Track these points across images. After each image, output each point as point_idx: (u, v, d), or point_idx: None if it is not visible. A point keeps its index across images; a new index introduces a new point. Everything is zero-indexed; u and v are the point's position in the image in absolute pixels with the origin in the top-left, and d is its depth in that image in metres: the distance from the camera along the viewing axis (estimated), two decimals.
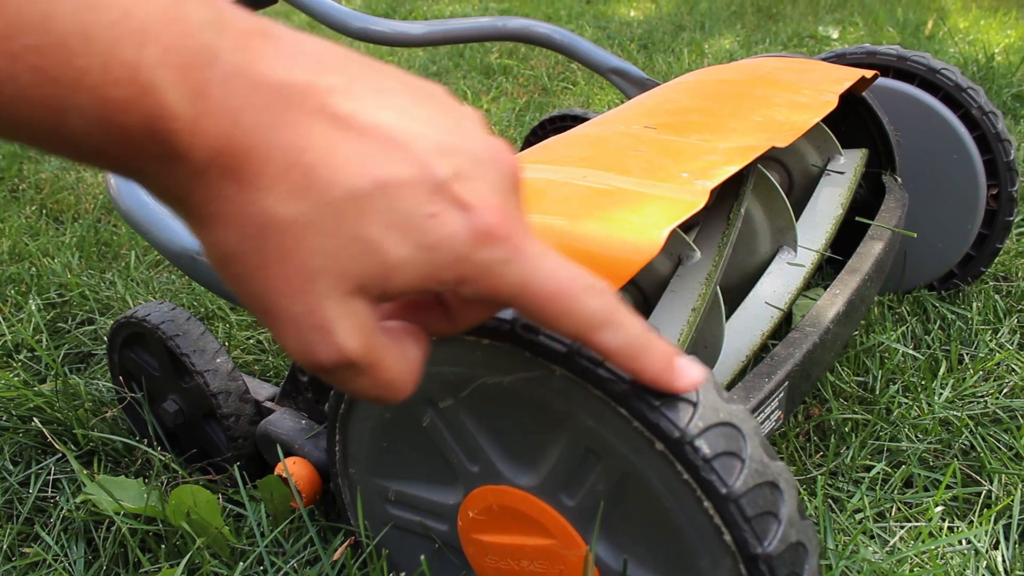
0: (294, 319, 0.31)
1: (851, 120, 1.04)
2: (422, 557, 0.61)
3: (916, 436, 0.88)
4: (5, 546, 0.77)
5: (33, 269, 1.29)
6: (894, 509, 0.79)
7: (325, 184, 0.29)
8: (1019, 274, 1.18)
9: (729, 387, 0.76)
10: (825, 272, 1.15)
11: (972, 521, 0.78)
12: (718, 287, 0.75)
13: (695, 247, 0.76)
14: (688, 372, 0.42)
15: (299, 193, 0.29)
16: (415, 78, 0.35)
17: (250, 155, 0.29)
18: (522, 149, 1.52)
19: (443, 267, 0.32)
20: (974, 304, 1.09)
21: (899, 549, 0.74)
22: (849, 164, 0.99)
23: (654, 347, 0.40)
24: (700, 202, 0.60)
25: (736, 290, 0.90)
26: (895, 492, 0.81)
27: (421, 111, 0.33)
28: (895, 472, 0.83)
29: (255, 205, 0.29)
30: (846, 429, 0.89)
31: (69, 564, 0.75)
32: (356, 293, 0.31)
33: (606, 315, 0.36)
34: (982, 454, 0.84)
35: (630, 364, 0.39)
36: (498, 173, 0.33)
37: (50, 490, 0.84)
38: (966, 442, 0.87)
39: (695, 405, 0.42)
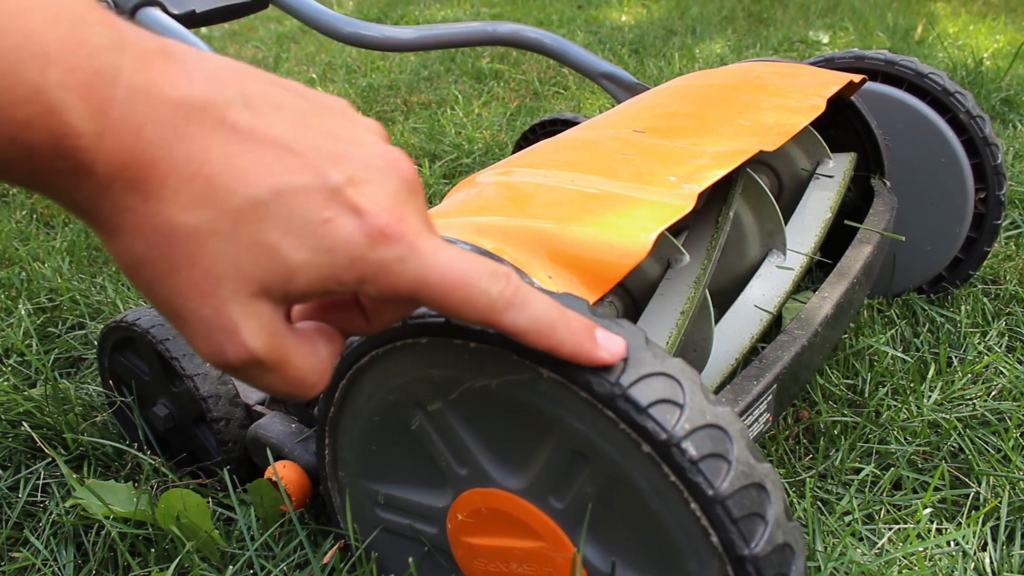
0: (202, 321, 0.33)
1: (840, 124, 1.04)
2: (411, 560, 0.61)
3: (905, 438, 0.88)
4: None
5: (23, 274, 1.29)
6: (883, 511, 0.80)
7: (226, 193, 0.31)
8: (1007, 277, 1.19)
9: (718, 390, 0.76)
10: (814, 275, 1.16)
11: (960, 523, 0.78)
12: (707, 290, 0.75)
13: (684, 250, 0.76)
14: (609, 343, 0.43)
15: (201, 202, 0.31)
16: (317, 93, 0.37)
17: (153, 168, 0.30)
18: (513, 153, 1.52)
19: (341, 269, 0.34)
20: (963, 307, 1.10)
21: (887, 551, 0.74)
22: (838, 168, 1.00)
23: (568, 322, 0.41)
24: (688, 206, 0.60)
25: (725, 293, 0.91)
26: (884, 494, 0.82)
27: (317, 123, 0.35)
28: (884, 474, 0.84)
29: (160, 215, 0.31)
30: (835, 431, 0.89)
31: (59, 568, 0.75)
32: (260, 295, 0.33)
33: (510, 297, 0.38)
34: (970, 456, 0.84)
35: (544, 341, 0.40)
36: (393, 178, 0.35)
37: (39, 494, 0.84)
38: (954, 444, 0.87)
39: (682, 407, 0.43)
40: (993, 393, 0.95)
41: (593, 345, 0.42)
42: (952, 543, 0.76)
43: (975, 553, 0.74)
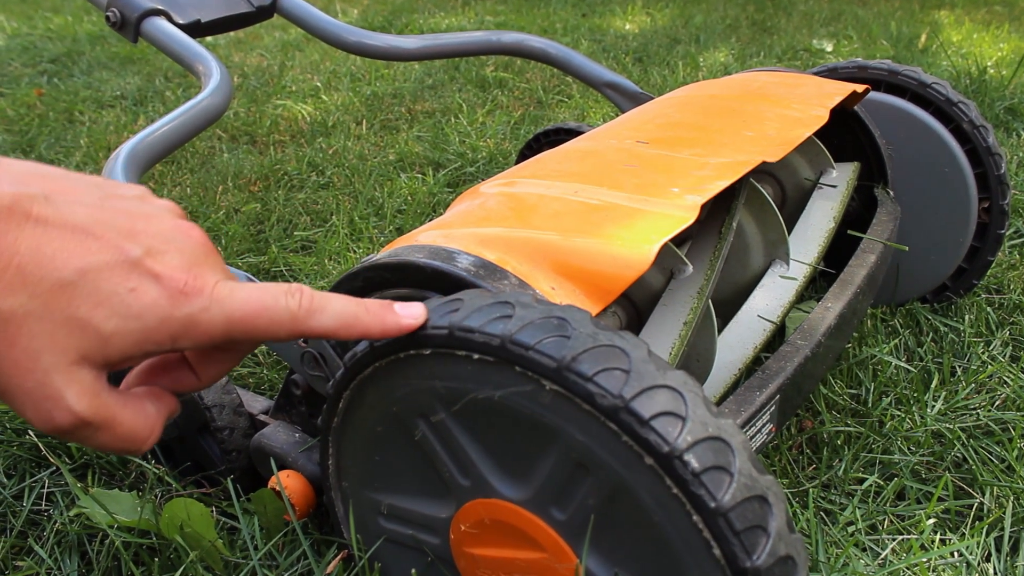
0: (28, 393, 0.36)
1: (843, 134, 1.04)
2: (413, 571, 0.61)
3: (908, 448, 0.88)
4: None
5: None
6: (886, 522, 0.80)
7: (36, 278, 0.35)
8: (1011, 286, 1.19)
9: (721, 400, 0.76)
10: (818, 285, 1.16)
11: (964, 534, 0.78)
12: (710, 300, 0.75)
13: (687, 261, 0.76)
14: (408, 310, 0.48)
15: (15, 289, 0.35)
16: (113, 183, 0.42)
17: None
18: (517, 162, 1.52)
19: (153, 330, 0.38)
20: (966, 316, 1.10)
21: (891, 562, 0.74)
22: (841, 178, 1.00)
23: (366, 308, 0.46)
24: (690, 217, 0.60)
25: (729, 303, 0.91)
26: (887, 504, 0.82)
27: (114, 207, 0.40)
28: (887, 484, 0.84)
29: None
30: (839, 442, 0.89)
31: None
32: (80, 363, 0.37)
33: (307, 306, 0.43)
34: (974, 466, 0.84)
35: (353, 331, 0.45)
36: (186, 245, 0.41)
37: (44, 503, 0.84)
38: (958, 454, 0.87)
39: (684, 420, 0.43)
40: (997, 403, 0.95)
41: (395, 317, 0.47)
42: (956, 554, 0.76)
43: (979, 564, 0.74)
